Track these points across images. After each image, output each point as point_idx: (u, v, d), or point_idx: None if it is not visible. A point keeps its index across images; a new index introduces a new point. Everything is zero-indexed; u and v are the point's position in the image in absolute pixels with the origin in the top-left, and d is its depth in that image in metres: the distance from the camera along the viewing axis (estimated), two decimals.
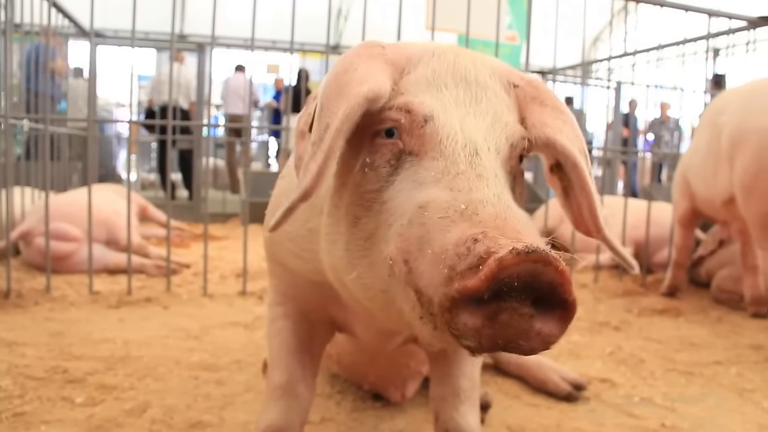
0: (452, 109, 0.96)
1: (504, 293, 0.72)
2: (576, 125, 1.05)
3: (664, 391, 2.16)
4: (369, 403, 1.95)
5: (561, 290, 0.73)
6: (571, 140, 1.01)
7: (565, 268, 0.73)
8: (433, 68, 1.01)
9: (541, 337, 0.74)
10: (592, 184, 1.01)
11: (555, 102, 1.05)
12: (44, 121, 3.62)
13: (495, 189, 0.86)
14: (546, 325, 0.75)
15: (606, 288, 3.96)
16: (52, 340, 2.46)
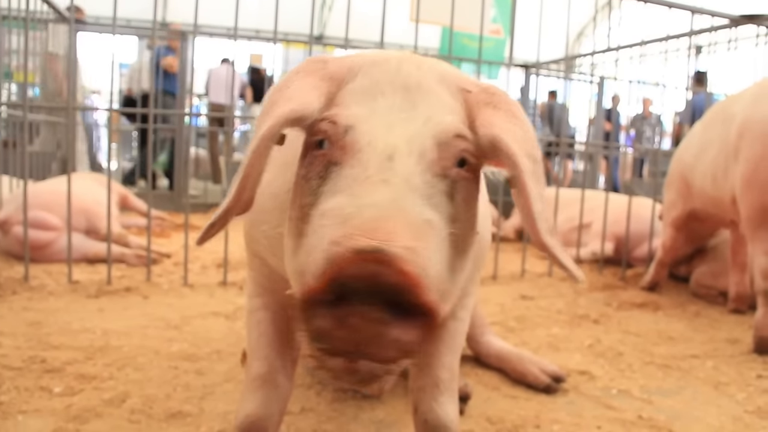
0: (381, 116, 0.95)
1: (355, 296, 0.69)
2: (530, 132, 1.00)
3: (642, 384, 2.18)
4: (349, 394, 1.95)
5: (408, 293, 0.69)
6: (518, 142, 0.96)
7: (414, 270, 0.69)
8: (372, 77, 1.00)
9: (398, 345, 0.71)
10: (532, 188, 0.94)
11: (510, 108, 1.01)
12: (23, 109, 3.58)
13: (395, 193, 0.83)
14: (405, 332, 0.70)
15: (586, 282, 3.97)
16: (30, 330, 2.44)
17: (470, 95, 1.01)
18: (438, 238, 0.81)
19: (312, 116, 0.98)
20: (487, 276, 3.96)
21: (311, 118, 0.98)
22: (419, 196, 0.84)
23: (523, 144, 0.96)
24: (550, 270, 4.19)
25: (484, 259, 1.34)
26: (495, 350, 2.25)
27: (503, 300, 3.37)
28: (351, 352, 0.71)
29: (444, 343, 1.38)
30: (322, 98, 1.00)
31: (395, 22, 4.47)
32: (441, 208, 0.87)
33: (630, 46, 5.18)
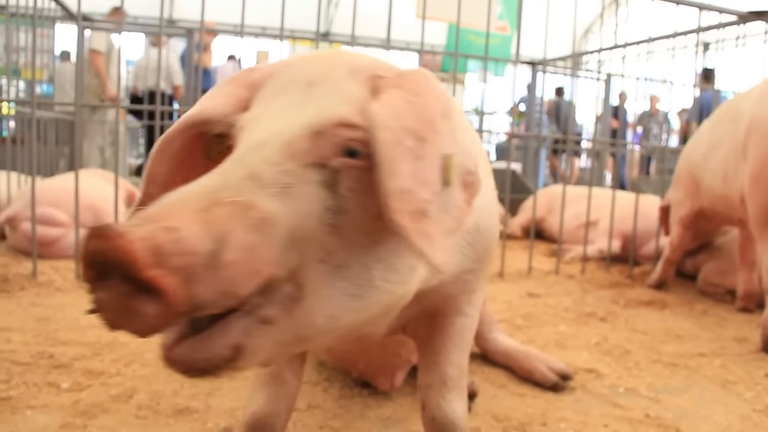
0: (271, 113, 0.94)
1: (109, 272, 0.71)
2: (425, 109, 0.90)
3: (649, 382, 2.18)
4: (356, 391, 1.95)
5: (130, 267, 0.68)
6: (394, 115, 0.87)
7: (128, 246, 0.68)
8: (281, 78, 1.00)
9: (143, 319, 0.71)
10: (389, 160, 0.84)
11: (414, 86, 0.93)
12: (31, 105, 3.59)
13: (227, 178, 0.81)
14: (147, 306, 0.71)
15: (593, 279, 3.97)
16: (38, 326, 2.45)
17: (381, 81, 0.96)
18: (246, 219, 0.76)
19: (216, 120, 0.99)
20: (494, 273, 3.96)
21: (215, 121, 0.98)
22: (252, 185, 0.81)
23: (402, 118, 0.88)
24: (557, 268, 4.18)
25: (489, 254, 1.33)
26: (502, 348, 2.25)
27: (510, 297, 3.36)
28: (117, 323, 0.73)
29: (451, 340, 1.37)
30: (232, 104, 1.00)
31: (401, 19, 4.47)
32: (303, 198, 0.83)
33: (637, 43, 5.17)
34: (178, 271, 0.69)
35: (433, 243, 0.85)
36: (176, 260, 0.69)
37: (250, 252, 0.75)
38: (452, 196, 0.92)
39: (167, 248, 0.69)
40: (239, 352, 0.80)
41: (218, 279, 0.72)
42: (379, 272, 0.91)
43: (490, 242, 1.29)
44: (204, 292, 0.71)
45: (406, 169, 0.84)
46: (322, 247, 0.85)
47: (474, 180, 0.98)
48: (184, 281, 0.70)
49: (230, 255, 0.73)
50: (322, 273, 0.85)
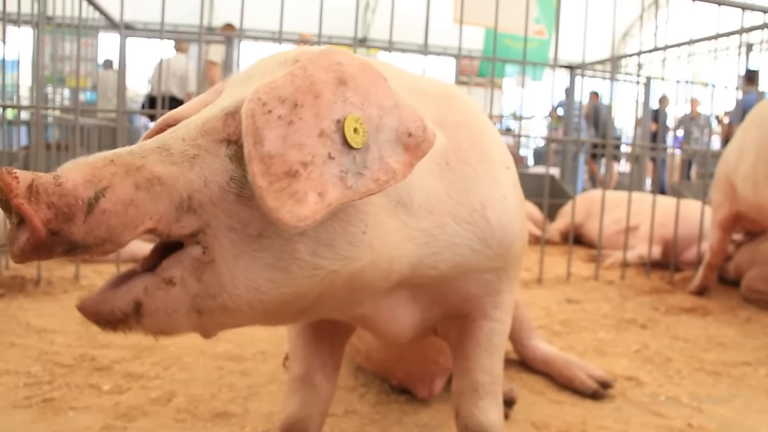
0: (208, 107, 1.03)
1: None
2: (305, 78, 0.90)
3: (691, 391, 2.13)
4: (393, 397, 1.95)
5: (7, 197, 0.77)
6: (271, 87, 0.88)
7: (6, 178, 0.76)
8: (237, 79, 1.10)
9: (19, 243, 0.79)
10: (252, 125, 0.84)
11: (307, 61, 0.93)
12: (74, 112, 3.66)
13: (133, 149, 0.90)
14: (23, 233, 0.79)
15: (633, 285, 3.91)
16: (80, 328, 2.50)
17: (296, 64, 0.96)
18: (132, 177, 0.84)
19: (183, 119, 1.06)
20: (532, 279, 3.92)
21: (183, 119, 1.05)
22: (160, 153, 0.90)
23: (276, 89, 0.88)
24: (596, 273, 4.12)
25: (511, 253, 1.27)
26: (541, 354, 2.22)
27: (548, 303, 3.33)
28: (10, 249, 0.82)
29: (480, 345, 1.35)
30: (199, 106, 1.10)
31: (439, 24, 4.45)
32: (206, 167, 0.90)
33: (678, 45, 5.08)
34: (51, 206, 0.78)
35: (296, 200, 0.84)
36: (51, 198, 0.78)
37: (130, 205, 0.83)
38: (374, 160, 0.92)
39: (45, 188, 0.78)
40: (139, 307, 0.88)
41: (95, 224, 0.81)
42: (304, 245, 0.93)
43: (509, 239, 1.24)
44: (79, 232, 0.80)
45: (274, 134, 0.85)
46: (231, 214, 0.90)
47: (417, 141, 0.97)
48: (57, 218, 0.78)
49: (107, 204, 0.81)
50: (234, 241, 0.90)
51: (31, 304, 2.85)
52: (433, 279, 1.17)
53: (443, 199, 1.14)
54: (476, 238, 1.19)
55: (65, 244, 0.80)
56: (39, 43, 3.85)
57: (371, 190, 0.91)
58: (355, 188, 0.89)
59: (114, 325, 0.90)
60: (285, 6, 3.49)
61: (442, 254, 1.15)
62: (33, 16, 3.98)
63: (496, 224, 1.20)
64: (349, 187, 0.89)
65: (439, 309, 1.30)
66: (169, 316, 0.91)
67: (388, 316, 1.23)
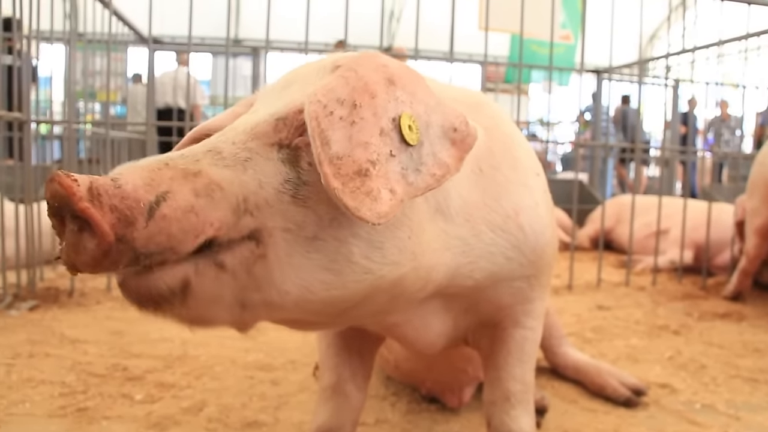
0: (248, 115, 1.04)
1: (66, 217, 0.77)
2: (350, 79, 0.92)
3: (727, 398, 2.09)
4: (424, 406, 1.94)
5: (67, 202, 0.74)
6: (328, 90, 0.90)
7: (67, 182, 0.74)
8: (270, 89, 1.10)
9: (86, 251, 0.75)
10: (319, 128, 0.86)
11: (355, 63, 0.95)
12: (105, 126, 3.72)
13: (177, 155, 0.89)
14: (89, 240, 0.75)
15: (665, 291, 3.86)
16: (112, 339, 2.53)
17: (338, 68, 0.97)
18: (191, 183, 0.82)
19: (215, 130, 1.06)
20: (562, 286, 3.89)
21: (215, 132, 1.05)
22: (210, 157, 0.88)
23: (333, 91, 0.90)
24: (627, 279, 4.08)
25: (543, 260, 1.26)
26: (572, 362, 2.20)
27: (579, 310, 3.30)
28: (67, 261, 0.78)
29: (512, 354, 1.35)
30: (230, 118, 1.11)
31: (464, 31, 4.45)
32: (260, 170, 0.89)
33: (707, 47, 5.02)
34: (114, 210, 0.75)
35: (372, 198, 0.86)
36: (112, 200, 0.75)
37: (190, 212, 0.81)
38: (429, 155, 0.94)
39: (106, 190, 0.76)
40: (187, 287, 0.82)
41: (156, 230, 0.77)
42: (358, 248, 0.93)
43: (541, 246, 1.24)
44: (140, 238, 0.77)
45: (339, 135, 0.86)
46: (286, 216, 0.89)
47: (462, 136, 0.99)
48: (120, 222, 0.75)
49: (168, 210, 0.78)
50: (289, 241, 0.89)
51: (65, 315, 2.89)
52: (468, 289, 1.17)
53: (479, 206, 1.13)
54: (510, 246, 1.19)
55: (129, 252, 0.77)
56: (71, 60, 3.91)
57: (430, 185, 0.93)
58: (416, 184, 0.91)
59: (155, 305, 0.83)
60: (310, 17, 3.52)
61: (478, 263, 1.15)
62: (65, 33, 4.06)
63: (530, 231, 1.20)
64: (410, 184, 0.91)
65: (470, 318, 1.29)
66: (213, 303, 0.87)
67: (419, 325, 1.23)
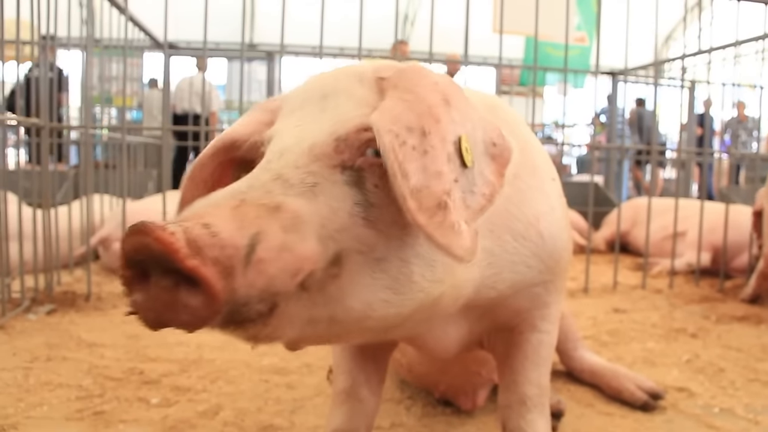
0: (290, 126, 0.98)
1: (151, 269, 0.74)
2: (418, 103, 0.90)
3: (746, 402, 2.07)
4: (439, 409, 1.93)
5: (171, 258, 0.70)
6: (392, 116, 0.88)
7: (167, 238, 0.70)
8: (297, 97, 1.04)
9: (189, 310, 0.72)
10: (398, 161, 0.83)
11: (409, 83, 0.94)
12: (121, 131, 3.75)
13: (254, 182, 0.85)
14: (192, 297, 0.72)
15: (682, 294, 3.83)
16: (129, 342, 2.54)
17: (384, 82, 0.97)
18: (278, 220, 0.79)
19: (242, 140, 1.06)
20: (578, 289, 3.87)
21: (242, 142, 1.05)
22: (281, 186, 0.84)
23: (400, 118, 0.88)
24: (643, 282, 4.05)
25: (560, 265, 1.26)
26: (588, 365, 2.18)
27: (595, 313, 3.28)
28: (159, 320, 0.74)
29: (528, 357, 1.34)
30: (254, 126, 1.06)
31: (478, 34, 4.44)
32: (330, 195, 0.86)
33: (723, 47, 4.98)
34: (216, 262, 0.72)
35: (456, 233, 0.84)
36: (214, 252, 0.72)
37: (286, 250, 0.78)
38: (478, 175, 0.93)
39: (205, 240, 0.72)
40: (274, 308, 0.80)
41: (256, 275, 0.74)
42: (418, 267, 0.92)
43: (558, 251, 1.23)
44: (242, 286, 0.73)
45: (414, 167, 0.84)
46: (359, 239, 0.87)
47: (501, 150, 0.98)
48: (223, 274, 0.72)
49: (265, 252, 0.75)
50: (361, 263, 0.88)
51: (82, 319, 2.92)
52: (491, 300, 1.17)
53: (502, 215, 1.13)
54: (531, 254, 1.18)
55: (231, 304, 0.74)
56: (87, 65, 3.95)
57: (483, 206, 0.91)
58: (472, 207, 0.90)
59: (240, 324, 0.80)
60: (324, 21, 3.53)
61: (501, 274, 1.14)
62: (82, 39, 4.09)
63: (548, 237, 1.19)
64: (468, 207, 0.89)
65: (486, 322, 1.29)
66: (292, 322, 0.85)
67: (439, 333, 1.23)
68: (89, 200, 3.79)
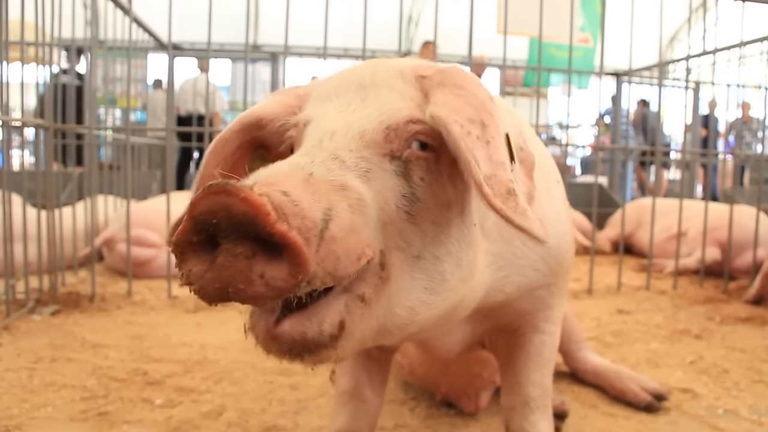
0: (332, 112, 0.97)
1: (221, 236, 0.68)
2: (474, 98, 0.92)
3: (750, 404, 2.06)
4: (443, 410, 1.93)
5: (259, 221, 0.65)
6: (453, 109, 0.90)
7: (257, 199, 0.65)
8: (330, 85, 1.04)
9: (264, 281, 0.67)
10: (469, 151, 0.85)
11: (457, 81, 0.95)
12: (126, 132, 3.75)
13: (313, 158, 0.82)
14: (273, 267, 0.67)
15: (686, 295, 3.82)
16: (133, 343, 2.55)
17: (425, 80, 0.99)
18: (346, 199, 0.76)
19: (269, 120, 1.04)
20: (582, 290, 3.86)
21: (268, 121, 1.03)
22: (340, 166, 0.82)
23: (460, 110, 0.90)
24: (647, 283, 4.04)
25: (563, 267, 1.27)
26: (592, 366, 2.18)
27: (599, 314, 3.27)
28: (224, 292, 0.69)
29: (531, 359, 1.34)
30: (281, 108, 1.05)
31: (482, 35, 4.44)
32: (381, 183, 0.85)
33: (728, 48, 4.97)
34: (300, 232, 0.68)
35: (530, 218, 0.86)
36: (296, 221, 0.68)
37: (353, 231, 0.75)
38: (518, 172, 0.95)
39: (289, 208, 0.68)
40: (343, 329, 0.78)
41: (327, 253, 0.71)
42: (449, 266, 0.92)
43: (562, 254, 1.24)
44: (312, 263, 0.69)
45: (482, 155, 0.86)
46: (401, 234, 0.87)
47: (526, 155, 1.00)
48: (306, 244, 0.68)
49: (337, 230, 0.72)
50: (401, 262, 0.87)
51: (86, 320, 2.92)
52: (498, 303, 1.17)
53: None
54: (538, 257, 1.19)
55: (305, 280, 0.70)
56: (92, 66, 3.96)
57: (527, 203, 0.92)
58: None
59: (309, 352, 0.77)
60: (328, 22, 3.53)
61: (510, 276, 1.15)
62: (86, 40, 4.10)
63: (554, 241, 1.20)
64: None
65: (488, 323, 1.29)
66: (356, 339, 0.82)
67: (443, 333, 1.23)
68: (93, 201, 3.79)
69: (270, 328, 0.77)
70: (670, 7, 4.45)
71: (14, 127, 3.66)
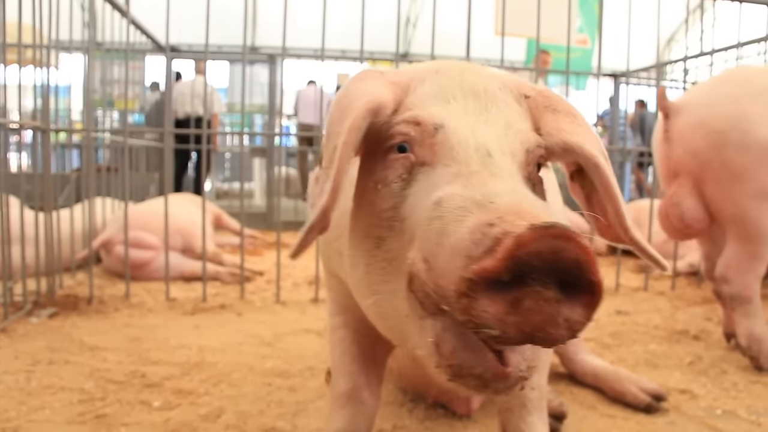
0: (462, 117, 0.95)
1: (525, 276, 0.66)
2: (593, 130, 1.03)
3: (749, 404, 2.07)
4: (441, 412, 1.93)
5: (586, 269, 0.66)
6: (590, 142, 0.98)
7: (588, 245, 0.67)
8: (439, 83, 1.01)
9: (568, 325, 0.68)
10: (615, 184, 0.97)
11: (567, 107, 1.03)
12: (123, 134, 3.75)
13: (511, 184, 0.81)
14: (573, 310, 0.68)
15: (684, 296, 3.82)
16: (131, 345, 2.54)
17: (530, 100, 1.03)
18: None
19: (388, 108, 0.97)
20: None
21: (386, 110, 0.97)
22: (527, 198, 0.81)
23: (594, 143, 0.99)
24: (645, 284, 4.04)
25: None
26: (591, 368, 2.18)
27: (597, 315, 3.24)
28: (526, 336, 0.68)
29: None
30: (390, 94, 0.99)
31: (480, 37, 4.45)
32: None
33: (725, 49, 4.97)
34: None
35: (651, 248, 0.97)
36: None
37: None
38: None
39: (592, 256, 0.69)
40: (531, 368, 0.82)
41: None
42: None
43: None
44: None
45: (618, 188, 0.98)
46: None
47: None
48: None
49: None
50: None
51: (84, 322, 2.92)
52: None
53: None
54: None
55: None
56: (89, 68, 3.95)
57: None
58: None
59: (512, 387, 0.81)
60: (326, 24, 3.53)
61: None
62: (83, 42, 4.10)
63: None
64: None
65: None
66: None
67: None
68: (91, 203, 3.79)
69: (498, 367, 0.77)
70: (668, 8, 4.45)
71: (11, 129, 3.66)
